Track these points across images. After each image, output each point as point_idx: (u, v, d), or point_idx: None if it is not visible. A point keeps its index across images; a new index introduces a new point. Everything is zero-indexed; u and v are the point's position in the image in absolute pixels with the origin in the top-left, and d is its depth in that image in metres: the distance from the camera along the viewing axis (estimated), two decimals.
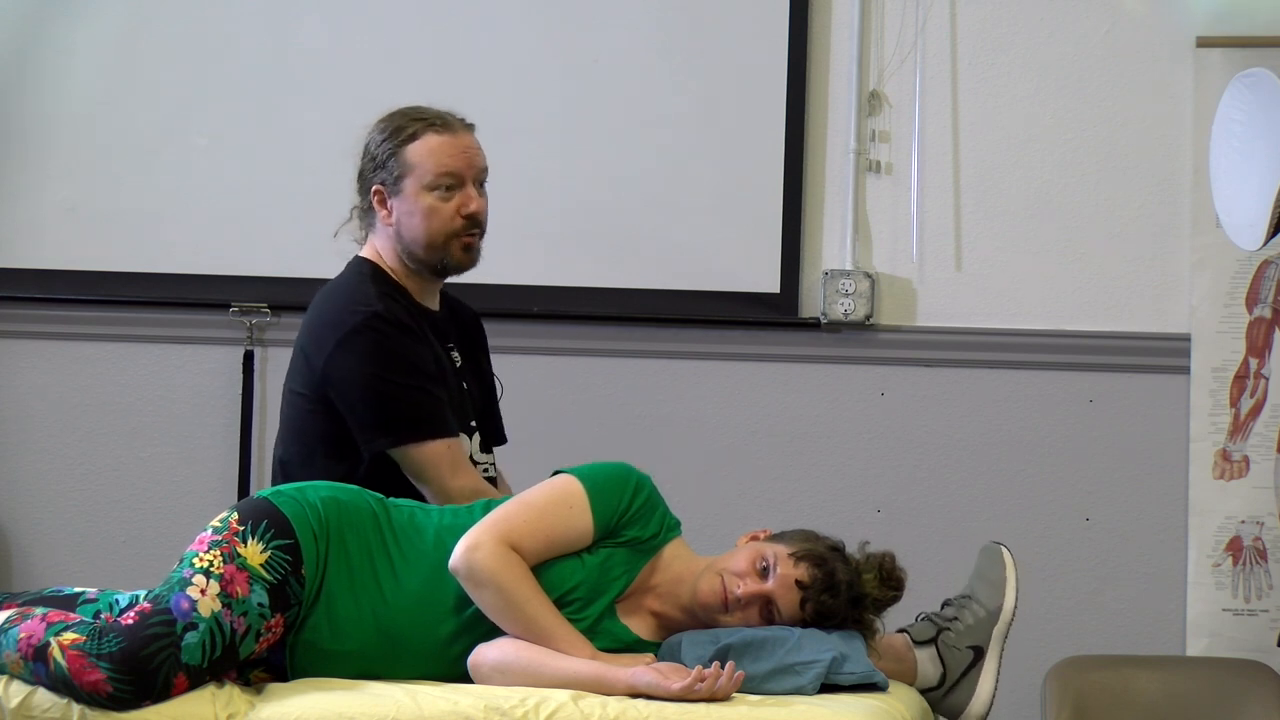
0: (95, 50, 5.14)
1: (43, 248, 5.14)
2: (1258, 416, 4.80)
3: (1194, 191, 4.78)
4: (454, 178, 3.75)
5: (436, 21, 5.05)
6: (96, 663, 3.17)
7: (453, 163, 3.75)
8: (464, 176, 3.76)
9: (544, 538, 3.36)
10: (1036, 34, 4.90)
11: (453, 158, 3.76)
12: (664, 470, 3.69)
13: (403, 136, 3.76)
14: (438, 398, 3.72)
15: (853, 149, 4.93)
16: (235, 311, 5.05)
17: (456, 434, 3.75)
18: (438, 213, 3.75)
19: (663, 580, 3.43)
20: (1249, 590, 4.78)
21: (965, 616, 3.50)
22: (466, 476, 3.72)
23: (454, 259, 3.79)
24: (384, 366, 3.70)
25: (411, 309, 3.78)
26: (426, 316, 3.82)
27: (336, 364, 3.72)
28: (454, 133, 3.78)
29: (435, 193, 3.75)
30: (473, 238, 3.79)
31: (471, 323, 4.01)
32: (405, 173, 3.74)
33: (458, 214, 3.76)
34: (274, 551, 3.28)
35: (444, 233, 3.76)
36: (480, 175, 3.80)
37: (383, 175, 3.76)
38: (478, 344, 4.01)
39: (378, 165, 3.77)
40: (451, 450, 3.71)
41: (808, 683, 3.24)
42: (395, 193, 3.76)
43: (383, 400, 3.70)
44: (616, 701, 3.13)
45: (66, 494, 5.14)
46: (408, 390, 3.70)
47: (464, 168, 3.76)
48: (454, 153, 3.76)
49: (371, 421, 3.70)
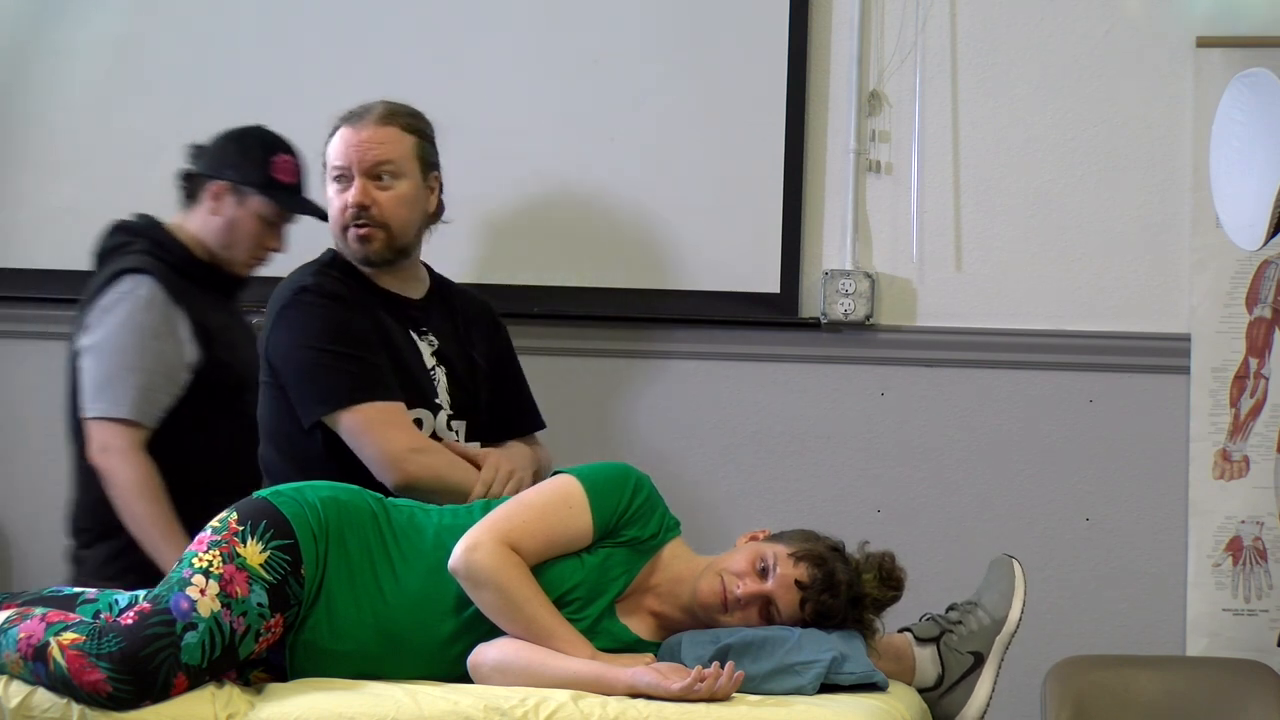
0: (95, 50, 5.14)
1: (43, 248, 5.14)
2: (1258, 416, 4.80)
3: (1194, 191, 4.78)
4: (342, 170, 3.82)
5: (436, 21, 5.05)
6: (96, 663, 3.17)
7: (340, 157, 3.82)
8: (351, 169, 3.79)
9: (543, 538, 3.36)
10: (1036, 34, 4.90)
11: (341, 152, 3.82)
12: (664, 470, 3.69)
13: (331, 132, 3.86)
14: (370, 363, 3.71)
15: (853, 149, 4.92)
16: None
17: (393, 399, 3.72)
18: (332, 206, 3.86)
19: (662, 580, 3.43)
20: (1249, 590, 4.78)
21: (970, 622, 3.51)
22: (405, 435, 3.69)
23: (351, 250, 3.85)
24: (310, 335, 3.73)
25: (360, 287, 3.80)
26: (386, 298, 3.82)
27: (272, 342, 3.79)
28: (357, 126, 3.84)
29: (334, 186, 3.83)
30: (363, 229, 3.81)
31: (468, 311, 3.99)
32: (324, 167, 3.86)
33: (347, 206, 3.79)
34: (273, 551, 3.29)
35: (338, 224, 3.85)
36: (375, 168, 3.81)
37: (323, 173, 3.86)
38: (472, 331, 3.98)
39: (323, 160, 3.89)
40: (385, 413, 3.69)
41: (807, 683, 3.25)
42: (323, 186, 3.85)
43: (311, 369, 3.72)
44: (616, 701, 3.13)
45: (66, 494, 5.14)
46: (334, 356, 3.71)
47: (351, 161, 3.81)
48: (344, 147, 3.82)
49: (304, 392, 3.73)
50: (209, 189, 4.34)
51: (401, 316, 3.82)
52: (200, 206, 4.35)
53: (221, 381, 4.22)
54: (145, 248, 4.31)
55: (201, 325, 4.23)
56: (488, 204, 4.89)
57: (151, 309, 4.19)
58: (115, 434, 4.15)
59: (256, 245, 4.34)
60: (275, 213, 4.32)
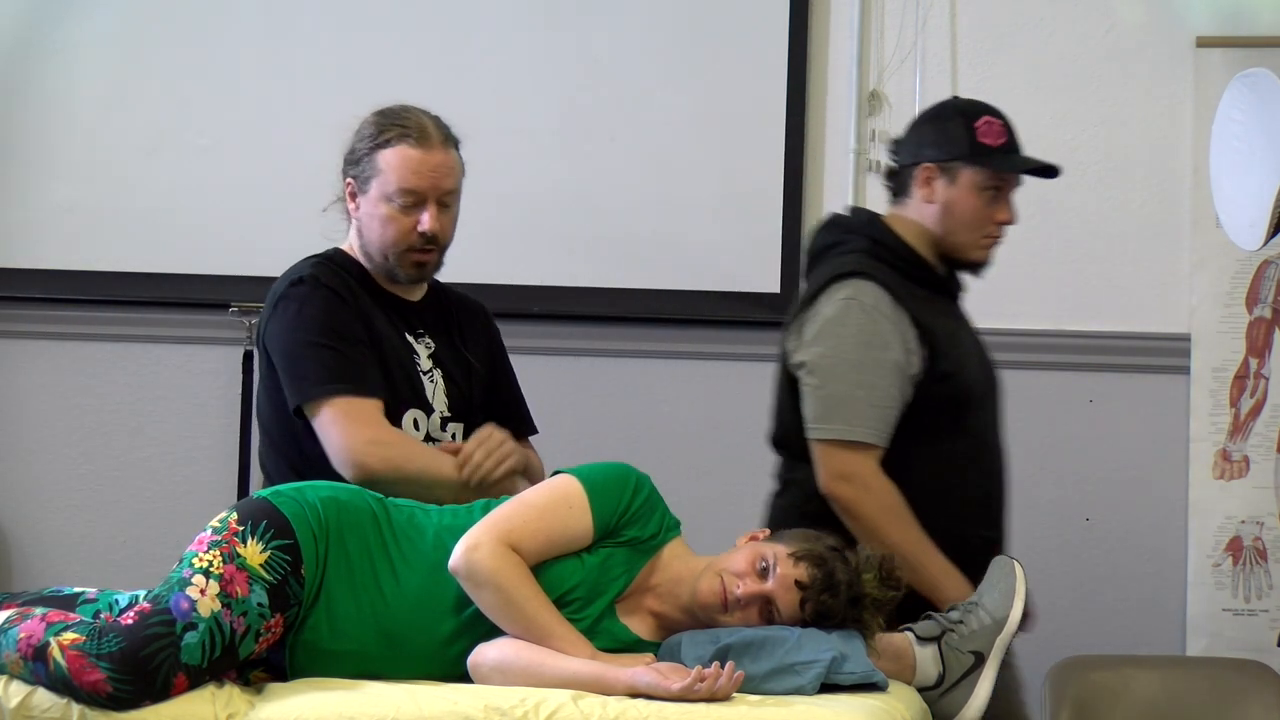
0: (95, 50, 5.15)
1: (43, 248, 5.15)
2: (1258, 416, 4.80)
3: (1194, 191, 4.79)
4: (415, 195, 3.71)
5: (436, 22, 5.05)
6: (96, 663, 3.17)
7: (416, 180, 3.70)
8: (425, 195, 3.72)
9: (544, 538, 3.36)
10: (1036, 34, 4.90)
11: (418, 175, 3.70)
12: (664, 470, 3.68)
13: (380, 140, 3.73)
14: (349, 357, 3.65)
15: (853, 149, 4.93)
16: (235, 311, 5.05)
17: (368, 395, 3.64)
18: (394, 224, 3.73)
19: (662, 580, 3.43)
20: (1249, 590, 4.79)
21: (970, 622, 3.51)
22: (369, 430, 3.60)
23: (403, 272, 3.76)
24: (298, 324, 3.68)
25: (360, 285, 3.77)
26: (385, 299, 3.80)
27: (266, 332, 3.76)
28: (427, 147, 3.72)
29: (394, 204, 3.71)
30: (426, 255, 3.76)
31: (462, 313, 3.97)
32: (373, 175, 3.73)
33: (414, 230, 3.73)
34: (273, 551, 3.29)
35: (397, 246, 3.74)
36: (445, 195, 3.74)
37: (355, 171, 3.77)
38: (466, 334, 3.96)
39: (354, 160, 3.78)
40: (354, 406, 3.61)
41: (807, 683, 3.24)
42: (363, 191, 3.76)
43: (295, 358, 3.68)
44: (616, 701, 3.13)
45: (66, 494, 5.15)
46: (315, 347, 3.65)
47: (427, 187, 3.71)
48: (420, 170, 3.71)
49: (287, 381, 3.69)
50: (916, 177, 3.94)
51: (398, 318, 3.81)
52: (912, 199, 3.96)
53: (946, 395, 3.86)
54: (863, 246, 3.93)
55: (927, 331, 3.86)
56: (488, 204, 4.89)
57: (875, 317, 3.83)
58: (852, 460, 3.80)
59: (982, 221, 3.93)
60: (990, 180, 3.90)
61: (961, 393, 3.88)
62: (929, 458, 3.84)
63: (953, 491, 3.86)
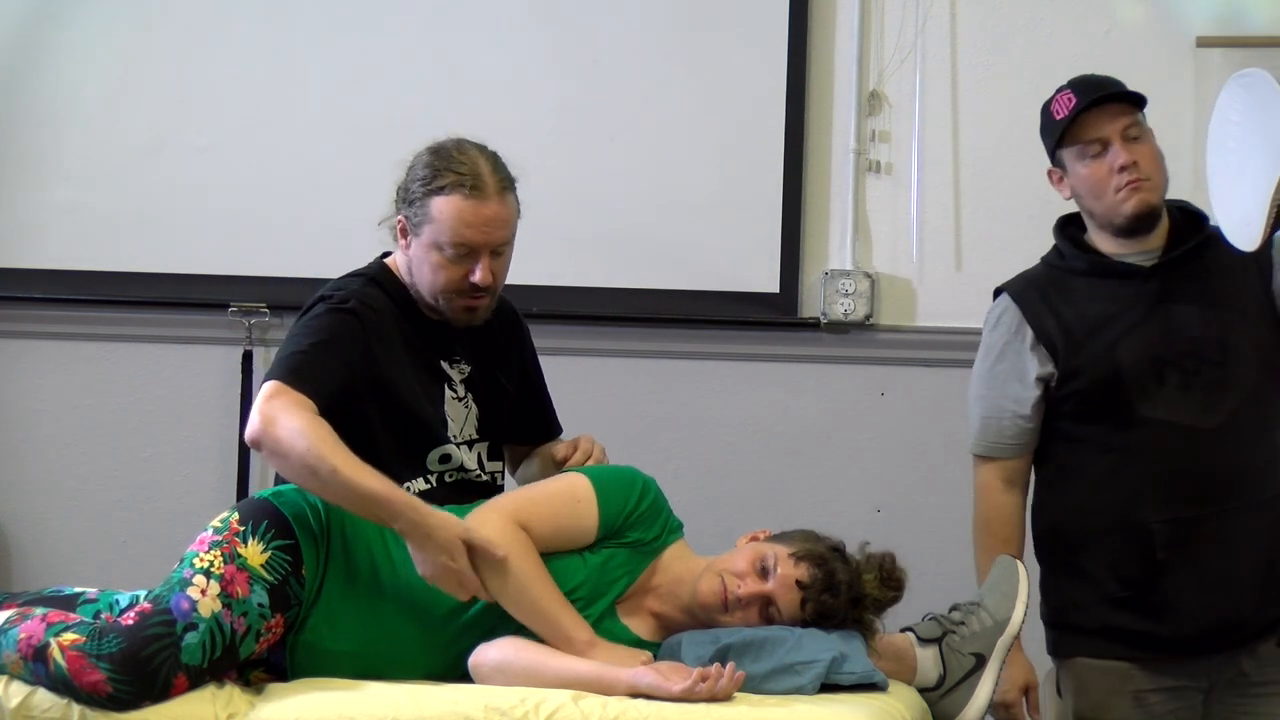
0: (96, 51, 5.15)
1: (43, 248, 5.15)
2: None
3: (1194, 191, 4.76)
4: (467, 247, 3.65)
5: (436, 22, 5.05)
6: (96, 663, 3.17)
7: (470, 234, 3.62)
8: (478, 249, 3.66)
9: (551, 524, 3.37)
10: (1036, 34, 4.90)
11: (471, 228, 3.62)
12: (664, 470, 3.69)
13: (435, 185, 3.63)
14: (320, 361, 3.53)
15: (853, 149, 4.93)
16: (234, 311, 5.05)
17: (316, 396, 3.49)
18: (444, 272, 3.65)
19: (663, 581, 3.44)
20: None
21: (972, 623, 3.51)
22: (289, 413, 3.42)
23: (452, 316, 3.71)
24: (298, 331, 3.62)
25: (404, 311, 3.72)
26: (423, 324, 3.75)
27: None
28: (482, 198, 3.63)
29: (446, 254, 3.63)
30: (477, 300, 3.71)
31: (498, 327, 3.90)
32: (425, 221, 3.63)
33: (465, 279, 3.66)
34: (274, 552, 3.29)
35: (447, 293, 3.67)
36: (499, 246, 3.68)
37: (408, 211, 3.68)
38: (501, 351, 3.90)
39: (407, 199, 3.70)
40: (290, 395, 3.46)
41: (808, 683, 3.25)
42: (415, 233, 3.66)
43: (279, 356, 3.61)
44: (616, 701, 3.13)
45: (66, 494, 5.14)
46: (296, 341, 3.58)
47: (480, 241, 3.63)
48: (474, 223, 3.63)
49: None
50: (1050, 177, 4.03)
51: (438, 343, 3.77)
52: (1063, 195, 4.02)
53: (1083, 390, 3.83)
54: None
55: (1065, 329, 3.88)
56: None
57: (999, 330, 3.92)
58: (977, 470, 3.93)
59: (1104, 182, 3.90)
60: (1083, 149, 3.92)
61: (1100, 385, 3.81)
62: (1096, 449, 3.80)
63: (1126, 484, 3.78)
